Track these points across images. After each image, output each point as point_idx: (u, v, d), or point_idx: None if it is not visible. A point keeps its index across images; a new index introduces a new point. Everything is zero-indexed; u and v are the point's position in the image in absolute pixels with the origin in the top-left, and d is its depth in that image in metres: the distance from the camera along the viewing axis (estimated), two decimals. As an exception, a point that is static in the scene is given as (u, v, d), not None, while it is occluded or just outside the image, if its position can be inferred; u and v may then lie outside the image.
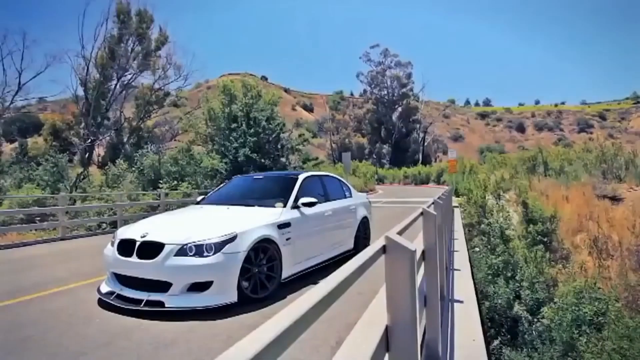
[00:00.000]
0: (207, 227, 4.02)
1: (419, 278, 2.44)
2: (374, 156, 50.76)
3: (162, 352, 2.88)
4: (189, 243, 3.75)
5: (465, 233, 12.40)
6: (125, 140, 29.66)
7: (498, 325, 11.67)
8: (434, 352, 2.89)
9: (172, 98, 34.78)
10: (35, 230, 10.55)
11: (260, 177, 6.17)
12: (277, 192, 5.17)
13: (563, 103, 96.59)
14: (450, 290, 4.77)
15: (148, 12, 26.97)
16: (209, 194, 5.89)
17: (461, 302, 4.38)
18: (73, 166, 25.33)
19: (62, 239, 8.70)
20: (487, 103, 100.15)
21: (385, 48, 54.94)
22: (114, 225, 10.29)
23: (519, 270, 12.71)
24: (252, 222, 4.21)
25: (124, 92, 29.25)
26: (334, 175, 6.72)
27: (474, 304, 4.39)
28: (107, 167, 22.86)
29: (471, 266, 7.80)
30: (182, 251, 3.72)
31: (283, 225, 4.48)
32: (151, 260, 3.72)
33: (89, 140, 26.28)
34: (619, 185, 17.18)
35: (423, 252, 3.00)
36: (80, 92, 27.76)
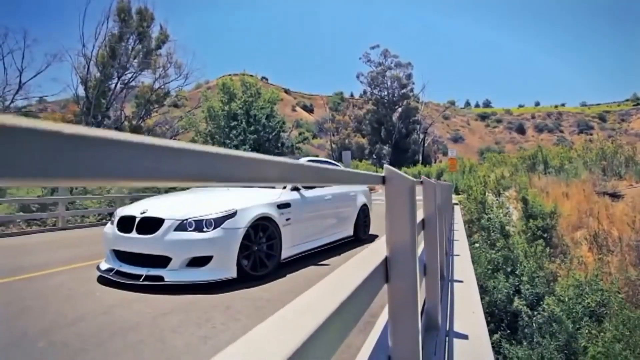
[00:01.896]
0: (207, 204, 4.02)
1: (419, 251, 2.44)
2: (374, 156, 50.78)
3: (161, 320, 2.88)
4: (189, 218, 3.75)
5: (465, 229, 12.40)
6: (125, 139, 29.60)
7: (498, 320, 11.66)
8: (434, 319, 2.89)
9: (173, 99, 34.81)
10: (37, 225, 10.56)
11: (260, 161, 6.18)
12: (277, 175, 5.17)
13: (563, 105, 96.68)
14: (450, 272, 4.76)
15: (149, 11, 27.03)
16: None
17: (461, 281, 4.38)
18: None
19: (62, 229, 8.71)
20: (487, 104, 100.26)
21: (385, 49, 55.05)
22: (114, 218, 10.27)
23: (518, 265, 12.71)
24: (252, 200, 4.21)
25: (124, 90, 29.27)
26: (334, 162, 6.73)
27: (474, 284, 4.39)
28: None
29: (472, 261, 7.79)
30: (181, 226, 3.72)
31: (283, 206, 4.49)
32: (151, 235, 3.72)
33: (89, 139, 26.24)
34: (618, 182, 17.21)
35: (422, 220, 3.00)
36: (81, 90, 27.81)
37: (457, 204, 16.69)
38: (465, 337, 2.84)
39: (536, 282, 12.15)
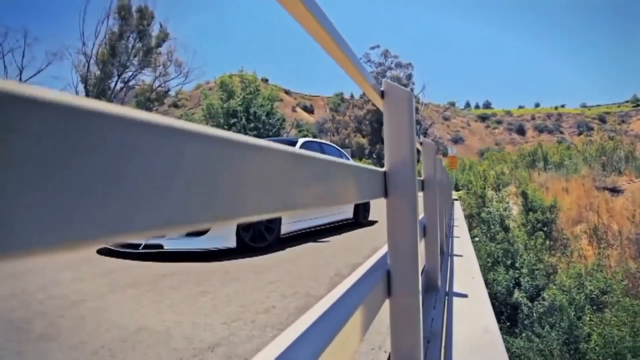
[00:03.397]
0: (207, 176, 4.02)
1: (419, 217, 2.44)
2: (374, 156, 50.85)
3: (161, 280, 2.87)
4: (188, 187, 3.75)
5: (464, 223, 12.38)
6: (125, 137, 29.66)
7: (497, 313, 11.63)
8: (433, 281, 2.88)
9: (173, 99, 34.88)
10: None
11: (260, 142, 6.19)
12: (277, 154, 5.17)
13: (563, 106, 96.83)
14: (451, 249, 4.76)
15: (149, 9, 27.10)
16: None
17: (460, 256, 4.38)
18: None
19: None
20: (487, 105, 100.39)
21: (386, 49, 55.18)
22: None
23: (518, 258, 12.70)
24: (252, 173, 4.21)
25: (124, 88, 29.32)
26: (334, 145, 6.73)
27: (474, 258, 4.39)
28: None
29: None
30: (181, 195, 3.71)
31: (282, 181, 4.48)
32: (150, 204, 3.71)
33: (89, 136, 26.31)
34: (618, 177, 17.23)
35: (422, 181, 3.00)
36: (81, 89, 27.89)
37: (457, 199, 16.68)
38: (464, 295, 2.83)
39: (536, 275, 12.14)
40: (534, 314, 9.78)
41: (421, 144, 3.11)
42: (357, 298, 1.09)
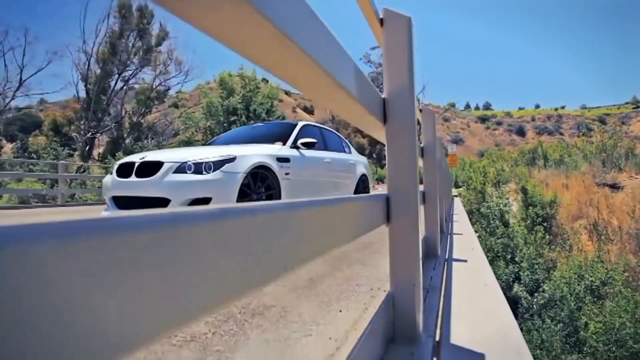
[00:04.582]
0: (206, 152, 4.02)
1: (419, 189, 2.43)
2: (374, 156, 50.92)
3: (160, 246, 2.86)
4: (188, 161, 3.75)
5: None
6: (125, 135, 29.73)
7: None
8: (433, 249, 2.87)
9: (173, 99, 34.94)
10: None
11: (260, 124, 6.21)
12: (277, 136, 5.17)
13: (563, 107, 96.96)
14: (450, 229, 4.75)
15: (148, 8, 27.14)
16: (206, 142, 5.91)
17: (460, 234, 4.37)
18: (73, 161, 25.41)
19: (61, 206, 8.70)
20: (487, 107, 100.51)
21: (386, 50, 55.19)
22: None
23: (518, 252, 12.69)
24: (252, 150, 4.22)
25: (125, 87, 29.35)
26: (334, 130, 6.73)
27: (474, 236, 4.38)
28: (107, 159, 22.94)
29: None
30: (180, 169, 3.71)
31: (282, 159, 4.48)
32: (149, 178, 3.71)
33: (89, 134, 26.36)
34: (618, 174, 17.21)
35: (422, 148, 3.00)
36: (82, 87, 27.93)
37: (456, 196, 16.66)
38: (464, 261, 2.83)
39: (536, 269, 12.13)
40: (534, 306, 9.75)
41: (420, 110, 3.11)
42: (353, 200, 1.09)
